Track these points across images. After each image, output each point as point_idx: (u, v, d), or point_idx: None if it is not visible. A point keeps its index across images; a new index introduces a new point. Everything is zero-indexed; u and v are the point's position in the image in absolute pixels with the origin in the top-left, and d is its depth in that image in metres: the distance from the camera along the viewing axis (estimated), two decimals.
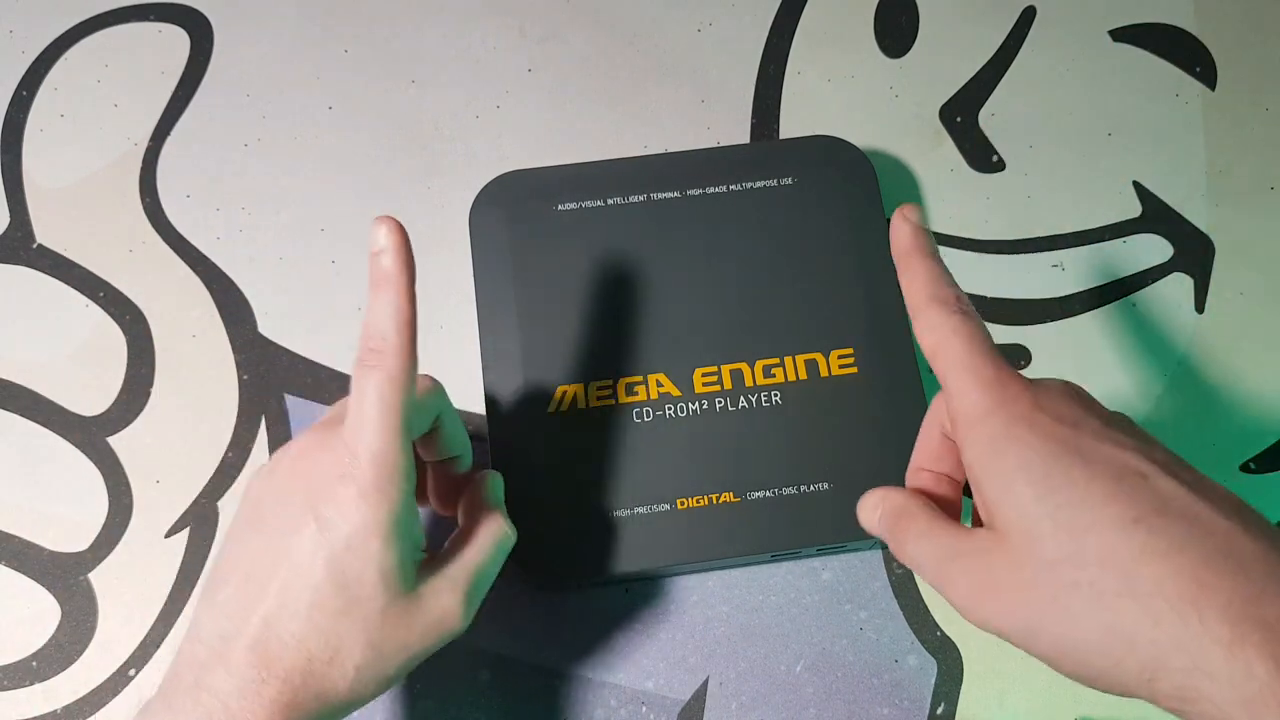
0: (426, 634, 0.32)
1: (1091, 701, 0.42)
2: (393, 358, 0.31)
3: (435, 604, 0.32)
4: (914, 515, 0.32)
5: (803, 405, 0.42)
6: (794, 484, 0.41)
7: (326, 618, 0.31)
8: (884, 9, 0.54)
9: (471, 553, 0.34)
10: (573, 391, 0.43)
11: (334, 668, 0.31)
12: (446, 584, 0.33)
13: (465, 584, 0.33)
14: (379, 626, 0.31)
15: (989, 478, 0.29)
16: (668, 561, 0.41)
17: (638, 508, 0.41)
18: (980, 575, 0.29)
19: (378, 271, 0.32)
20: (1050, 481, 0.27)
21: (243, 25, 0.54)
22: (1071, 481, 0.27)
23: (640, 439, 0.42)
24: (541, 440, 0.42)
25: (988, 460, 0.29)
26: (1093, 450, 0.28)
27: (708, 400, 0.42)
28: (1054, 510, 0.27)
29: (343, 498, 0.31)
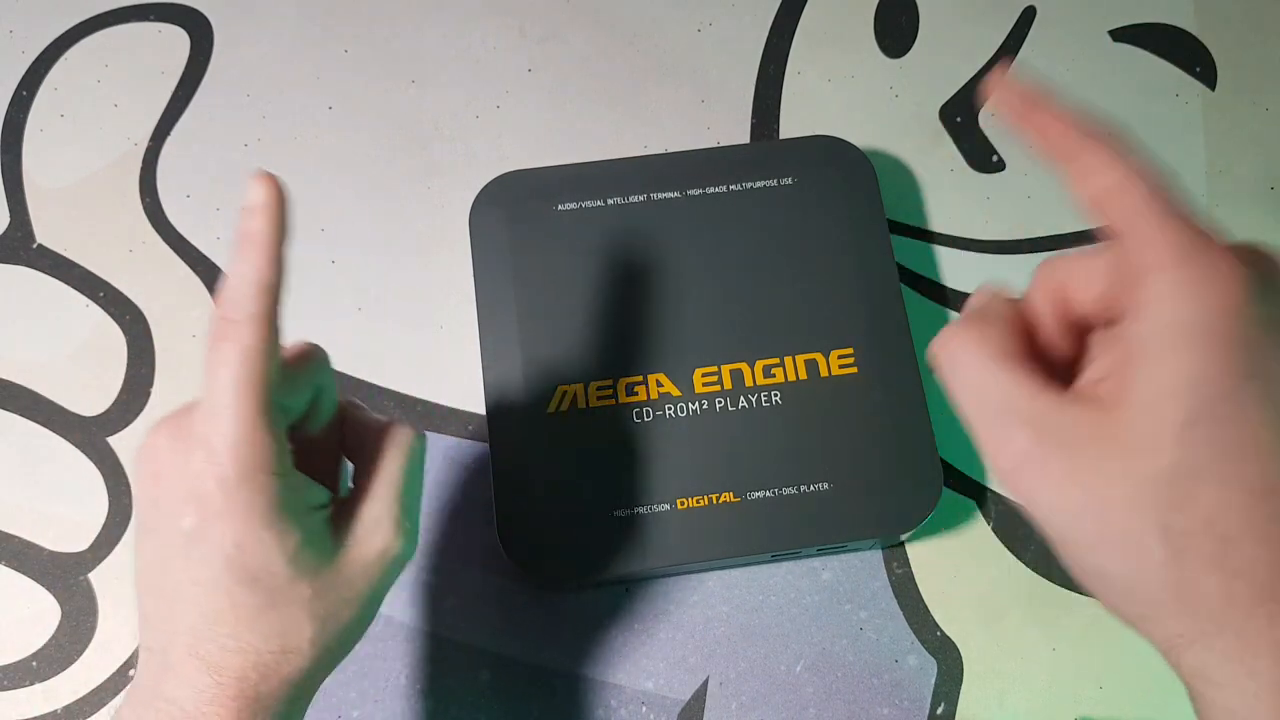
0: (372, 574, 0.31)
1: (1091, 701, 0.42)
2: (248, 328, 0.27)
3: (369, 545, 0.31)
4: (1003, 325, 0.26)
5: (803, 405, 0.42)
6: (794, 484, 0.41)
7: (254, 614, 0.28)
8: (884, 9, 0.54)
9: (383, 475, 0.32)
10: (573, 391, 0.43)
11: (287, 654, 0.29)
12: (370, 520, 0.31)
13: (390, 510, 0.31)
14: (315, 597, 0.29)
15: (1157, 365, 0.23)
16: (668, 562, 0.41)
17: (638, 508, 0.41)
18: (1059, 451, 0.24)
19: (244, 231, 0.28)
20: (1216, 409, 0.22)
21: (243, 25, 0.54)
22: (1236, 417, 0.22)
23: (640, 439, 0.42)
24: (541, 440, 0.42)
25: (1166, 345, 0.23)
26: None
27: (708, 400, 0.42)
28: (1199, 440, 0.22)
29: (208, 502, 0.27)
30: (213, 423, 0.27)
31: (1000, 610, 0.44)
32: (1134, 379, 0.23)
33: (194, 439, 0.28)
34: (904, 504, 0.41)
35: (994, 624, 0.43)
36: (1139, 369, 0.23)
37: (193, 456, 0.28)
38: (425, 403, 0.47)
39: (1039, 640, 0.43)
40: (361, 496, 0.32)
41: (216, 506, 0.27)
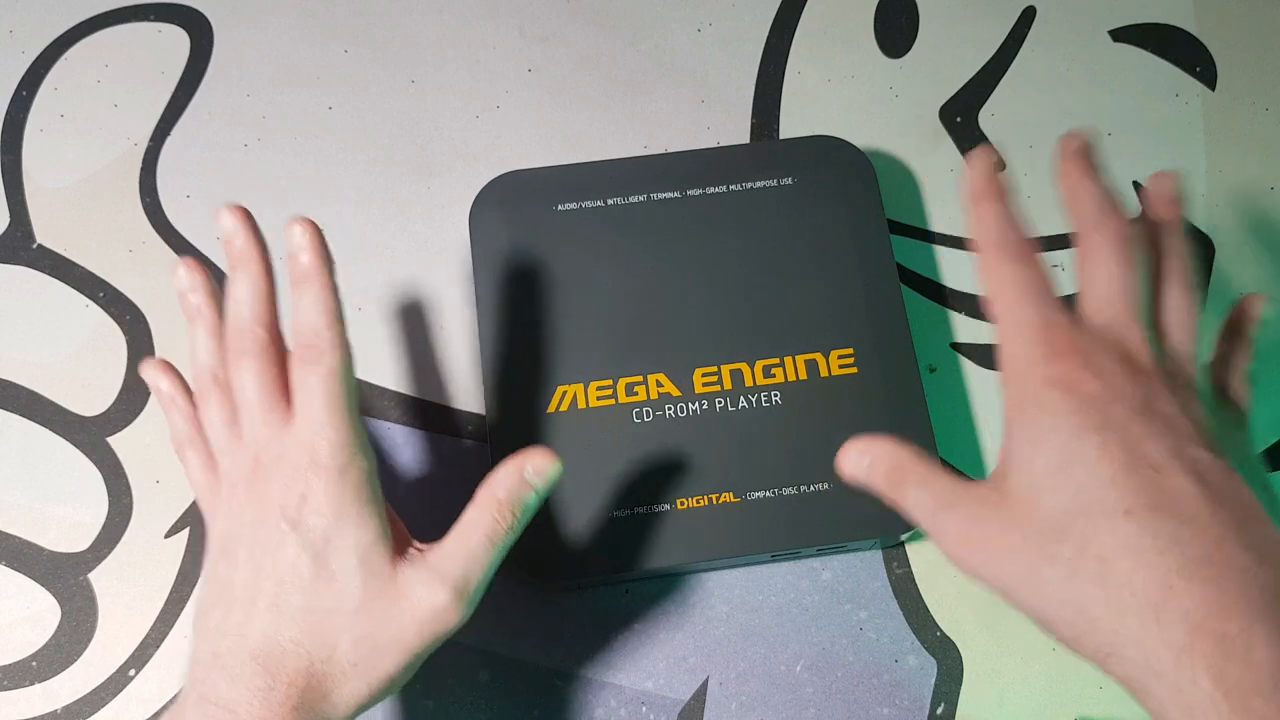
0: (420, 628, 0.32)
1: (1091, 702, 0.42)
2: (330, 352, 0.33)
3: (425, 596, 0.32)
4: (911, 463, 0.32)
5: (803, 405, 0.42)
6: (794, 484, 0.41)
7: (319, 617, 0.31)
8: (884, 9, 0.54)
9: (461, 545, 0.33)
10: (573, 391, 0.43)
11: (332, 665, 0.31)
12: (434, 575, 0.32)
13: (454, 577, 0.32)
14: (369, 619, 0.31)
15: (1014, 434, 0.29)
16: (668, 562, 0.41)
17: (638, 508, 0.41)
18: (972, 526, 0.29)
19: (299, 269, 0.33)
20: (1065, 455, 0.28)
21: (243, 25, 0.54)
22: (1083, 460, 0.27)
23: (640, 439, 0.42)
24: (541, 440, 0.42)
25: (1016, 416, 0.29)
26: (1119, 429, 0.27)
27: (708, 400, 0.42)
28: (1059, 484, 0.28)
29: (314, 496, 0.31)
30: (315, 431, 0.32)
31: (1000, 610, 0.44)
32: (1010, 451, 0.29)
33: (296, 450, 0.32)
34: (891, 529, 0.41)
35: (994, 624, 0.43)
36: (1010, 442, 0.29)
37: (297, 464, 0.32)
38: (425, 403, 0.47)
39: (1039, 640, 0.43)
40: (437, 553, 0.33)
41: (319, 500, 0.31)
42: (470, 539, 0.33)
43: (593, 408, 0.42)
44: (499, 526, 0.34)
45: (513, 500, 0.34)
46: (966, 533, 0.29)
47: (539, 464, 0.34)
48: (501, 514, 0.34)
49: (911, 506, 0.31)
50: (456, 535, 0.34)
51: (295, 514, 0.31)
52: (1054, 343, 0.29)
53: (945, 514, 0.30)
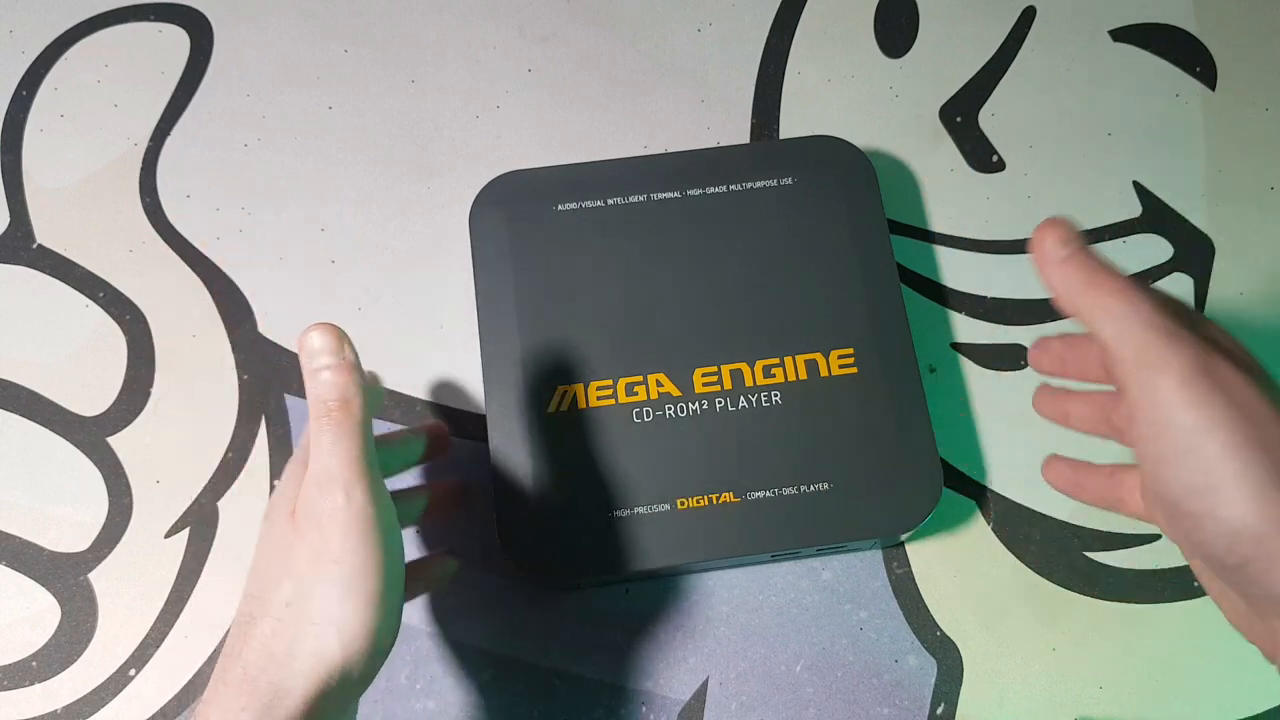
0: (323, 538, 0.32)
1: (1091, 702, 0.42)
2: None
3: (309, 508, 0.33)
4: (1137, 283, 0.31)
5: (803, 405, 0.42)
6: (794, 484, 0.41)
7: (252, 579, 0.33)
8: (884, 9, 0.54)
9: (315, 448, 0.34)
10: (572, 391, 0.43)
11: (268, 610, 0.32)
12: (312, 486, 0.33)
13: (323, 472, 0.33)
14: (282, 553, 0.32)
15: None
16: (668, 562, 0.41)
17: (638, 508, 0.41)
18: (1220, 367, 0.28)
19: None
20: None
21: (243, 25, 0.54)
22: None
23: (640, 439, 0.42)
24: (541, 440, 0.42)
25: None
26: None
27: (708, 400, 0.42)
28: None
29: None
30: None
31: (1000, 610, 0.44)
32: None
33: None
34: (904, 504, 0.41)
35: (994, 624, 0.43)
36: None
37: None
38: (425, 403, 0.47)
39: (1039, 640, 0.43)
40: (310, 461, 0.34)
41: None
42: (321, 437, 0.33)
43: (593, 408, 0.42)
44: (321, 417, 0.34)
45: (318, 392, 0.34)
46: (1214, 372, 0.28)
47: (314, 344, 0.34)
48: (318, 408, 0.34)
49: (1146, 314, 0.29)
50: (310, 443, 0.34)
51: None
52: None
53: (1193, 341, 0.28)
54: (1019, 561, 0.44)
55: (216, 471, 0.46)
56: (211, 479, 0.46)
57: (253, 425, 0.47)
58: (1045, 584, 0.44)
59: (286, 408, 0.47)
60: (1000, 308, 0.48)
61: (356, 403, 0.34)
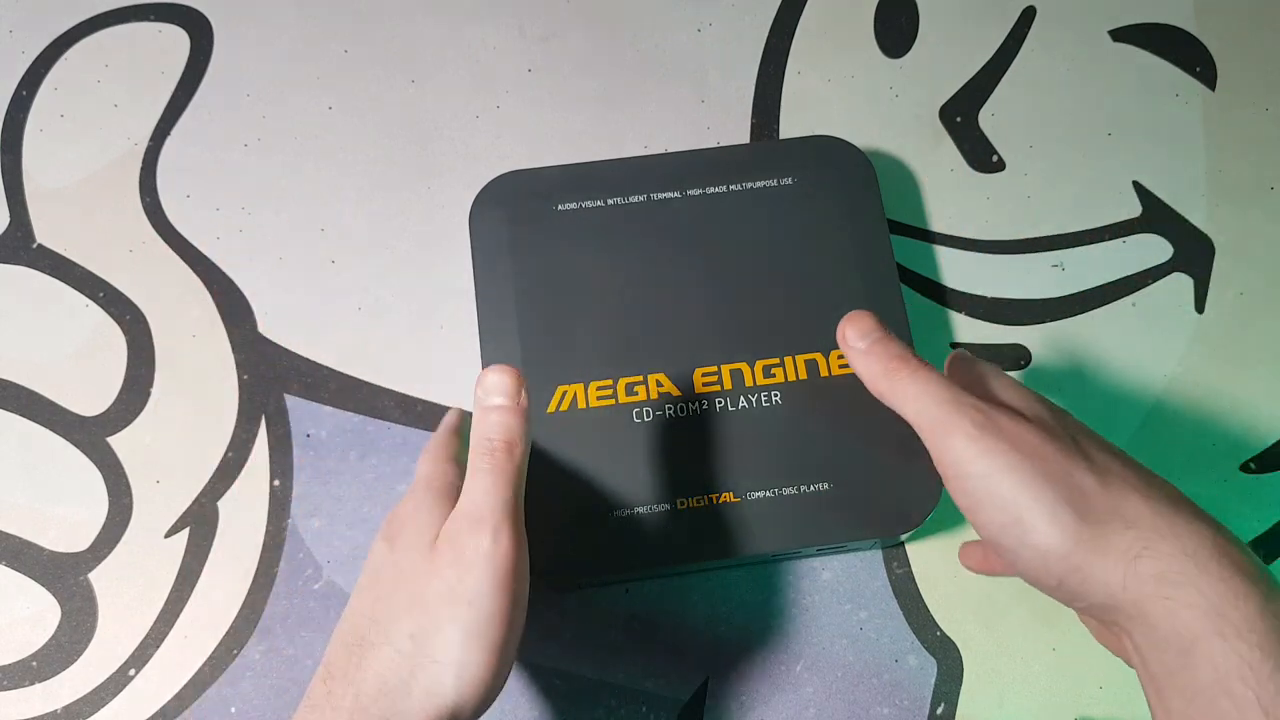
0: (462, 572, 0.32)
1: (1092, 702, 0.42)
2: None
3: (465, 542, 0.33)
4: (927, 364, 0.35)
5: (803, 405, 0.42)
6: (794, 484, 0.41)
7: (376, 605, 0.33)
8: (884, 9, 0.54)
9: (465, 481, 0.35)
10: (572, 391, 0.43)
11: (391, 645, 0.32)
12: (463, 522, 0.33)
13: (474, 512, 0.33)
14: (413, 587, 0.32)
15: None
16: (667, 563, 0.41)
17: (638, 508, 0.41)
18: (1001, 421, 0.33)
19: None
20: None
21: (243, 25, 0.54)
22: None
23: (640, 439, 0.42)
24: (541, 440, 0.42)
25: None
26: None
27: (707, 400, 0.42)
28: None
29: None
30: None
31: (1000, 610, 0.44)
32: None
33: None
34: (904, 504, 0.41)
35: (994, 624, 0.43)
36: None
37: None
38: (425, 403, 0.47)
39: (1039, 640, 0.43)
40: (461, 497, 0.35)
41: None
42: (474, 478, 0.34)
43: (593, 408, 0.42)
44: (483, 457, 0.34)
45: (485, 430, 0.34)
46: (997, 427, 0.33)
47: (491, 383, 0.35)
48: (482, 446, 0.34)
49: (932, 389, 0.34)
50: (465, 480, 0.35)
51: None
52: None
53: (975, 403, 0.33)
54: None
55: (216, 471, 0.46)
56: (211, 479, 0.46)
57: (253, 425, 0.47)
58: None
59: (286, 408, 0.47)
60: (1000, 308, 0.48)
61: (520, 448, 0.34)
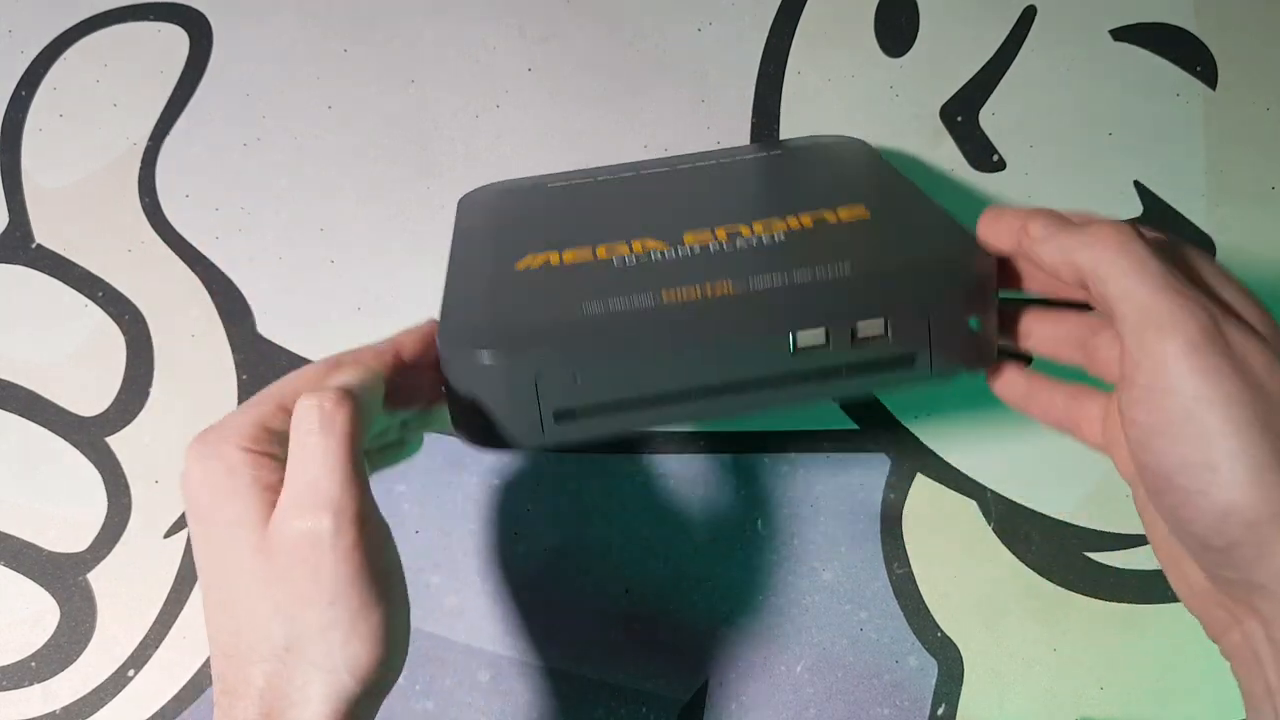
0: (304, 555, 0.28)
1: (1092, 702, 0.42)
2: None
3: (295, 527, 0.28)
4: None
5: (810, 239, 0.35)
6: (806, 265, 0.32)
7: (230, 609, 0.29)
8: (884, 9, 0.54)
9: (294, 466, 0.29)
10: (544, 257, 0.36)
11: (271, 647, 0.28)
12: (292, 507, 0.28)
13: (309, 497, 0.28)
14: (263, 583, 0.28)
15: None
16: (649, 386, 0.32)
17: (613, 300, 0.32)
18: (1232, 337, 0.26)
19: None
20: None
21: (242, 25, 0.54)
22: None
23: (620, 280, 0.33)
24: (504, 295, 0.34)
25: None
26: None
27: (699, 248, 0.35)
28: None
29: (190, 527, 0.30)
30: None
31: (1000, 610, 0.44)
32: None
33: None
34: (940, 263, 0.33)
35: (994, 624, 0.43)
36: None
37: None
38: None
39: (1040, 640, 0.43)
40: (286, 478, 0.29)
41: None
42: (297, 458, 0.28)
43: (567, 264, 0.35)
44: (323, 421, 0.28)
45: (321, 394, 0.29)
46: (1225, 343, 0.26)
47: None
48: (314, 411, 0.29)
49: (1152, 274, 0.27)
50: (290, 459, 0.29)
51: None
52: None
53: (1205, 304, 0.26)
54: (1019, 561, 0.44)
55: None
56: None
57: None
58: (1045, 584, 0.44)
59: None
60: (1000, 308, 0.48)
61: (356, 401, 0.29)
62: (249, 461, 0.29)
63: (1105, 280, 0.27)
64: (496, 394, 0.32)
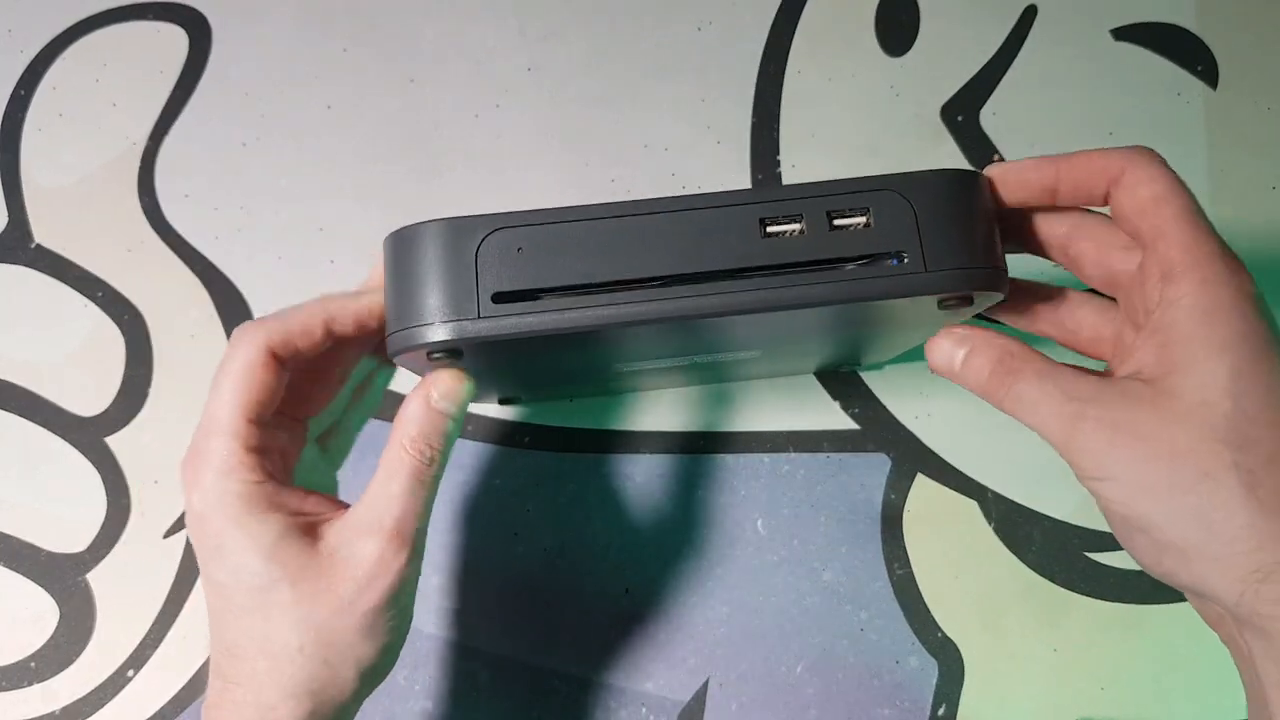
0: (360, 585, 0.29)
1: (1093, 702, 0.42)
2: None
3: (354, 552, 0.29)
4: (1028, 356, 0.29)
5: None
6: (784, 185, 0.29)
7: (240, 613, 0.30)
8: (884, 8, 0.54)
9: (384, 490, 0.30)
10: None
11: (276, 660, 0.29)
12: (359, 529, 0.30)
13: (382, 523, 0.30)
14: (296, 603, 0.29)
15: (1191, 339, 0.27)
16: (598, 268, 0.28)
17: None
18: (1120, 423, 0.27)
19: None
20: (1257, 363, 0.27)
21: (241, 24, 0.53)
22: (1275, 369, 0.27)
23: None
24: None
25: (1199, 320, 0.27)
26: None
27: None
28: (1246, 390, 0.26)
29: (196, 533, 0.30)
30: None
31: (1001, 611, 0.43)
32: (1179, 350, 0.27)
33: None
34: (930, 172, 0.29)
35: (995, 625, 0.43)
36: (1183, 342, 0.27)
37: (204, 480, 0.30)
38: None
39: (1040, 641, 0.43)
40: (363, 499, 0.31)
41: (198, 511, 0.30)
42: (392, 483, 0.30)
43: None
44: (419, 462, 0.30)
45: (426, 433, 0.31)
46: (1113, 431, 0.27)
47: (445, 388, 0.31)
48: (418, 449, 0.30)
49: (1036, 401, 0.28)
50: (376, 483, 0.31)
51: (202, 557, 0.30)
52: (1240, 266, 0.29)
53: (1085, 409, 0.27)
54: (1019, 561, 0.44)
55: None
56: None
57: None
58: (1046, 584, 0.44)
59: None
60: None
61: (440, 468, 0.31)
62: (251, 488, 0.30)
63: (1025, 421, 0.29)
64: (432, 268, 0.29)
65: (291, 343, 0.31)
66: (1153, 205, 0.29)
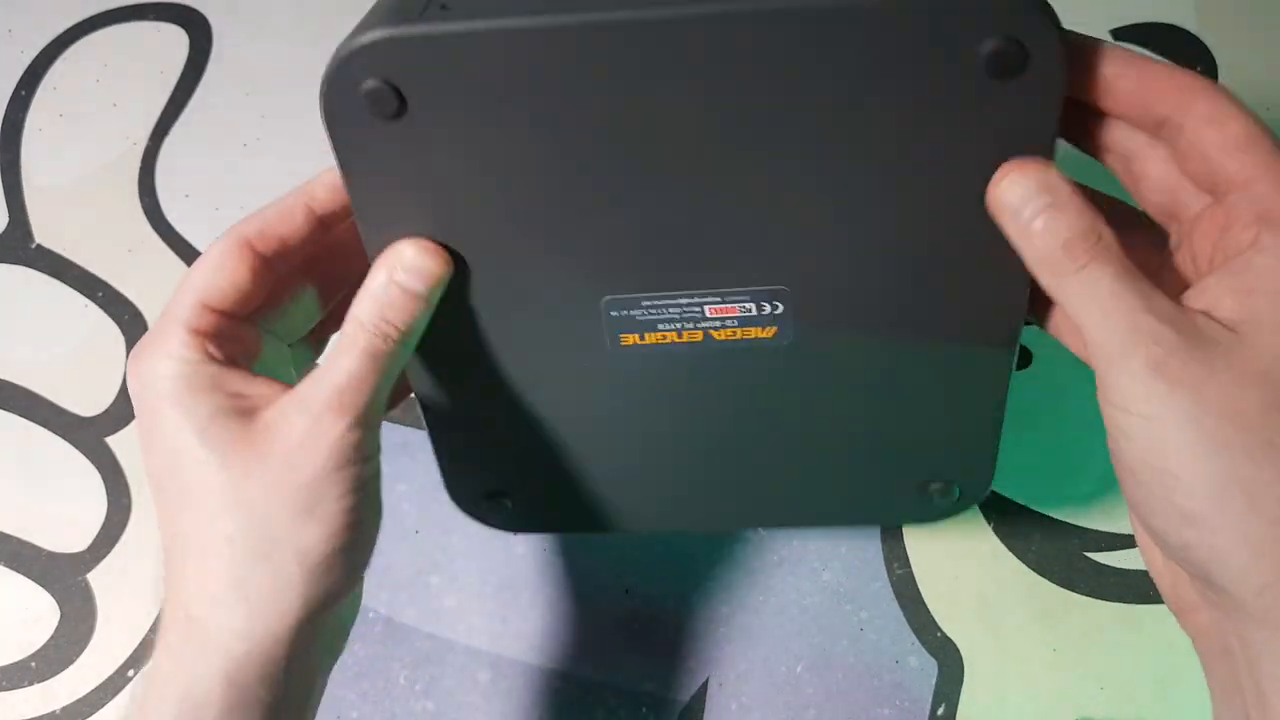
0: (295, 458, 0.27)
1: (1093, 702, 0.42)
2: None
3: (295, 424, 0.27)
4: (1118, 247, 0.25)
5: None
6: None
7: (176, 507, 0.28)
8: None
9: (331, 365, 0.28)
10: None
11: (206, 553, 0.27)
12: (302, 402, 0.27)
13: (327, 396, 0.27)
14: (230, 485, 0.27)
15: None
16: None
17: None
18: (1188, 365, 0.23)
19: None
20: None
21: (241, 24, 0.54)
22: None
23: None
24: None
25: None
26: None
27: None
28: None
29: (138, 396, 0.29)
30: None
31: (1001, 610, 0.43)
32: (1265, 303, 0.23)
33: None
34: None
35: (995, 624, 0.43)
36: (1273, 294, 0.23)
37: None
38: None
39: (1040, 641, 0.43)
40: (310, 374, 0.28)
41: (134, 392, 0.29)
42: (341, 358, 0.27)
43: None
44: (374, 339, 0.27)
45: (386, 312, 0.27)
46: (1181, 366, 0.23)
47: (412, 260, 0.27)
48: (374, 326, 0.27)
49: (1107, 298, 0.24)
50: (324, 361, 0.28)
51: (141, 447, 0.29)
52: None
53: (1159, 331, 0.23)
54: (1019, 561, 0.44)
55: None
56: None
57: None
58: (1046, 584, 0.44)
59: None
60: None
61: (406, 349, 0.28)
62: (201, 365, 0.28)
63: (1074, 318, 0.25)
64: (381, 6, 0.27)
65: (269, 229, 0.30)
66: (1248, 143, 0.25)
